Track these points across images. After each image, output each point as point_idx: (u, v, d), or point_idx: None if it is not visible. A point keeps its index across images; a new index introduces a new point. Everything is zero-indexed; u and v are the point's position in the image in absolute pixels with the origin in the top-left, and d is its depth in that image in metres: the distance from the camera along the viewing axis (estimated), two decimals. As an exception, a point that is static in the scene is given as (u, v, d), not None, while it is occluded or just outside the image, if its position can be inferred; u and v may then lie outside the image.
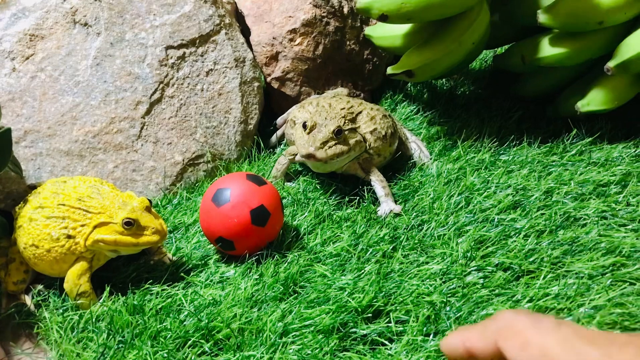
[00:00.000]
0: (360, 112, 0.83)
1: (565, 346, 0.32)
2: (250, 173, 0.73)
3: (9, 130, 0.66)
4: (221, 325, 0.59)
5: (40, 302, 0.68)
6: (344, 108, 0.82)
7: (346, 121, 0.79)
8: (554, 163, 0.86)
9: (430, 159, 0.90)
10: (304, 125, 0.76)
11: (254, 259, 0.69)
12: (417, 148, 0.91)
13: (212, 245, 0.74)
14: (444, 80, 1.16)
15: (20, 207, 0.68)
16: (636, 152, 0.86)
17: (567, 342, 0.32)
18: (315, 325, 0.58)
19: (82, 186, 0.67)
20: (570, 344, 0.31)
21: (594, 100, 0.88)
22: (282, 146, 0.98)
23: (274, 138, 0.99)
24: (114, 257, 0.68)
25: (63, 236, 0.63)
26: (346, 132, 0.77)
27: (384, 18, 0.82)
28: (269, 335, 0.57)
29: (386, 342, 0.57)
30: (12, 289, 0.68)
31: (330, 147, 0.75)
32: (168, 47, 0.88)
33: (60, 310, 0.64)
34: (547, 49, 0.88)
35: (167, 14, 0.89)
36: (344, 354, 0.55)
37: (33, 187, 0.72)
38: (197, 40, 0.91)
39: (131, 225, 0.63)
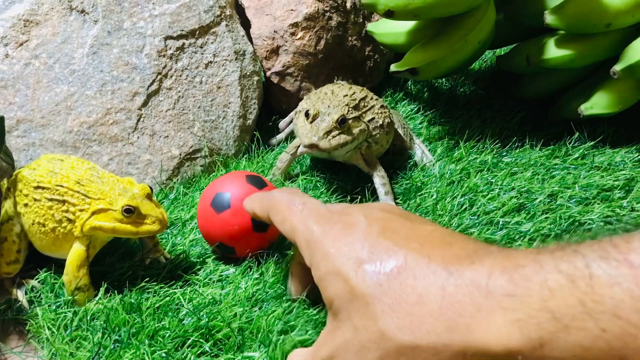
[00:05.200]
0: (363, 99, 0.81)
1: (302, 224, 0.45)
2: (250, 173, 0.70)
3: (1, 119, 0.63)
4: (221, 325, 0.57)
5: (32, 297, 0.65)
6: (347, 95, 0.80)
7: (350, 109, 0.77)
8: (556, 166, 0.85)
9: (432, 161, 0.88)
10: (307, 114, 0.74)
11: (253, 257, 0.67)
12: (420, 149, 0.90)
13: (210, 243, 0.72)
14: (444, 79, 1.14)
15: (10, 181, 0.65)
16: (639, 157, 0.86)
17: (303, 221, 0.45)
18: (320, 325, 0.56)
19: (81, 167, 0.64)
20: (305, 223, 0.44)
21: (597, 104, 0.88)
22: (280, 145, 0.96)
23: (274, 140, 0.96)
24: (110, 238, 0.66)
25: (65, 219, 0.61)
26: (350, 121, 0.75)
27: (390, 14, 0.80)
28: (270, 335, 0.55)
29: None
30: (5, 270, 0.65)
31: (334, 136, 0.72)
32: (167, 38, 0.86)
33: (53, 307, 0.62)
34: (553, 51, 0.87)
35: (166, 3, 0.86)
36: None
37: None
38: (197, 32, 0.88)
39: (131, 213, 0.60)
